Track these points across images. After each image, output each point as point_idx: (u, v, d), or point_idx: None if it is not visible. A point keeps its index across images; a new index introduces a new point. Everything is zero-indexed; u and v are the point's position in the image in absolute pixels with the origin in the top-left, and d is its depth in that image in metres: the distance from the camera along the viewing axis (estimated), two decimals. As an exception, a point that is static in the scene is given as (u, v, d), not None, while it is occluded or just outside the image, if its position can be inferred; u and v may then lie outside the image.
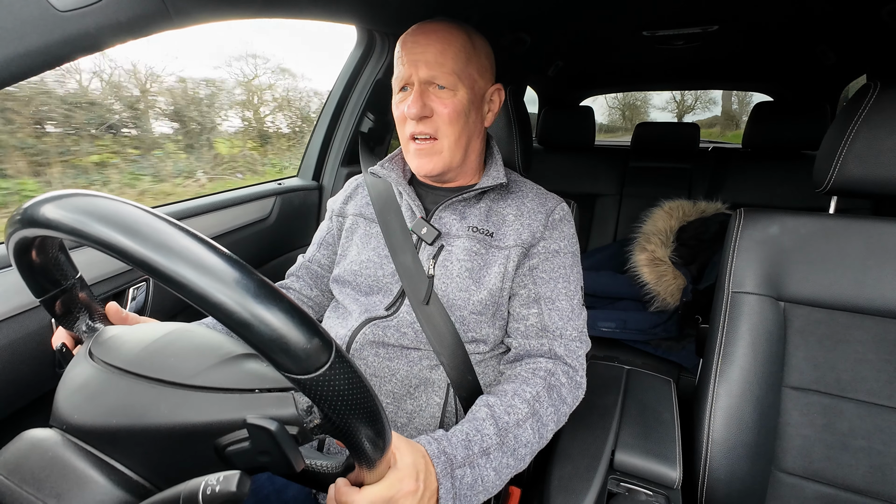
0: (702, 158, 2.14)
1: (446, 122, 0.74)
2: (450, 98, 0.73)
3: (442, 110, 0.73)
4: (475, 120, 0.78)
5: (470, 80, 0.75)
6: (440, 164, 0.77)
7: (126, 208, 0.31)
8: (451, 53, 0.72)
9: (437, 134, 0.75)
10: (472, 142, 0.80)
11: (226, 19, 0.83)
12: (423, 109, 0.73)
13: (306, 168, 1.54)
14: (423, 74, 0.73)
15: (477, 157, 0.84)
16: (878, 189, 0.80)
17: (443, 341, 0.74)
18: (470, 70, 0.74)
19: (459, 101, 0.73)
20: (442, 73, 0.72)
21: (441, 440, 0.58)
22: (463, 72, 0.73)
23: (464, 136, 0.76)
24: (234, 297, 0.29)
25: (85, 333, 0.50)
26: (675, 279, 1.66)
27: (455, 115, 0.74)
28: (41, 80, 1.50)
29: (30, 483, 0.35)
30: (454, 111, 0.73)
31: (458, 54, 0.72)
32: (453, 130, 0.75)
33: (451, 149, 0.76)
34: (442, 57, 0.72)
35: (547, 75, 2.36)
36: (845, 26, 1.45)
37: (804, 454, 0.82)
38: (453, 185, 0.85)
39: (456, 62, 0.72)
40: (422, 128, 0.75)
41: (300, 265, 0.95)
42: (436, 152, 0.76)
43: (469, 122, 0.76)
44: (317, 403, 0.33)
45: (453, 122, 0.74)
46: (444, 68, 0.72)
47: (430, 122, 0.74)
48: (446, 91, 0.73)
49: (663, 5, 1.36)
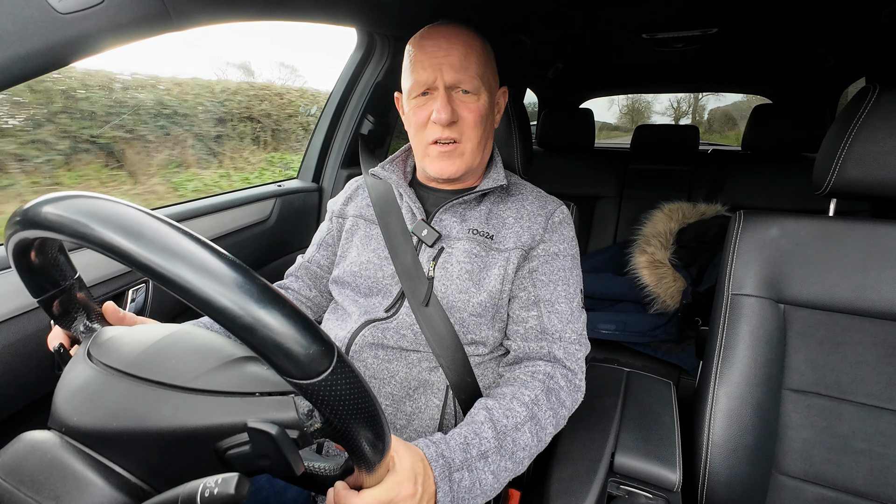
0: (701, 161, 2.15)
1: (471, 126, 0.74)
2: (474, 103, 0.73)
3: (467, 115, 0.73)
4: (491, 123, 0.79)
5: (489, 84, 0.75)
6: (462, 167, 0.77)
7: (127, 210, 0.31)
8: (474, 58, 0.72)
9: (460, 138, 0.75)
10: (487, 143, 0.81)
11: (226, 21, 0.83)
12: (452, 115, 0.72)
13: (306, 170, 1.54)
14: (449, 79, 0.72)
15: (485, 159, 0.85)
16: (878, 191, 0.80)
17: (442, 343, 0.74)
18: (488, 74, 0.75)
19: (482, 105, 0.74)
20: (467, 78, 0.72)
21: (439, 443, 0.58)
22: (483, 76, 0.74)
23: (483, 140, 0.77)
24: (237, 301, 0.29)
25: (83, 334, 0.50)
26: (674, 281, 1.66)
27: (479, 119, 0.74)
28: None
29: (28, 485, 0.35)
30: (479, 116, 0.73)
31: (479, 58, 0.73)
32: (476, 135, 0.75)
33: (472, 152, 0.76)
34: (466, 61, 0.71)
35: (547, 77, 2.36)
36: (845, 29, 1.45)
37: (804, 456, 0.82)
38: (454, 188, 0.85)
39: (478, 66, 0.72)
40: (448, 133, 0.74)
41: (299, 265, 0.95)
42: (458, 155, 0.76)
43: (488, 126, 0.77)
44: (318, 408, 0.33)
45: (477, 126, 0.74)
46: (468, 72, 0.72)
47: (455, 127, 0.74)
48: (470, 96, 0.73)
49: (663, 8, 1.36)
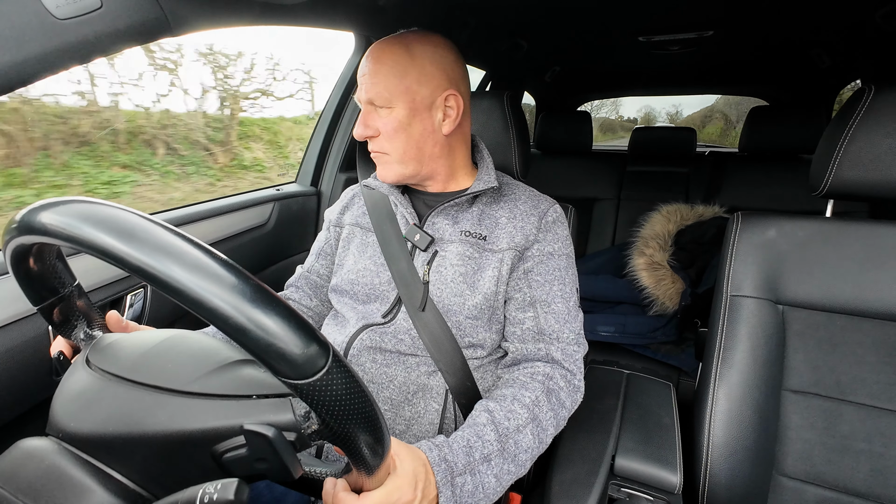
0: (699, 162, 2.15)
1: (388, 138, 0.76)
2: (388, 115, 0.75)
3: (383, 128, 0.75)
4: (423, 130, 0.76)
5: (408, 93, 0.74)
6: (392, 175, 0.79)
7: (123, 215, 0.31)
8: (384, 72, 0.73)
9: (383, 150, 0.77)
10: (427, 150, 0.78)
11: (223, 27, 0.83)
12: (365, 130, 0.76)
13: (304, 174, 1.55)
14: (363, 96, 0.76)
15: (447, 163, 0.82)
16: (875, 192, 0.80)
17: (440, 347, 0.73)
18: (407, 83, 0.74)
19: (396, 117, 0.74)
20: (376, 94, 0.74)
21: (442, 447, 0.58)
22: (397, 87, 0.73)
23: (410, 149, 0.77)
24: (230, 301, 0.29)
25: (83, 341, 0.49)
26: (673, 283, 1.66)
27: (394, 131, 0.75)
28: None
29: (26, 493, 0.35)
30: (393, 129, 0.75)
31: (390, 71, 0.73)
32: (397, 146, 0.76)
33: (400, 161, 0.78)
34: (375, 77, 0.73)
35: (544, 80, 2.37)
36: (840, 30, 1.46)
37: (805, 458, 0.82)
38: (444, 191, 0.85)
39: (388, 79, 0.73)
40: (372, 145, 0.78)
41: (299, 276, 0.95)
42: (387, 163, 0.79)
43: (414, 134, 0.76)
44: (314, 409, 0.33)
45: (394, 137, 0.76)
46: (377, 87, 0.73)
47: (377, 140, 0.77)
48: (384, 109, 0.75)
49: (659, 11, 1.37)
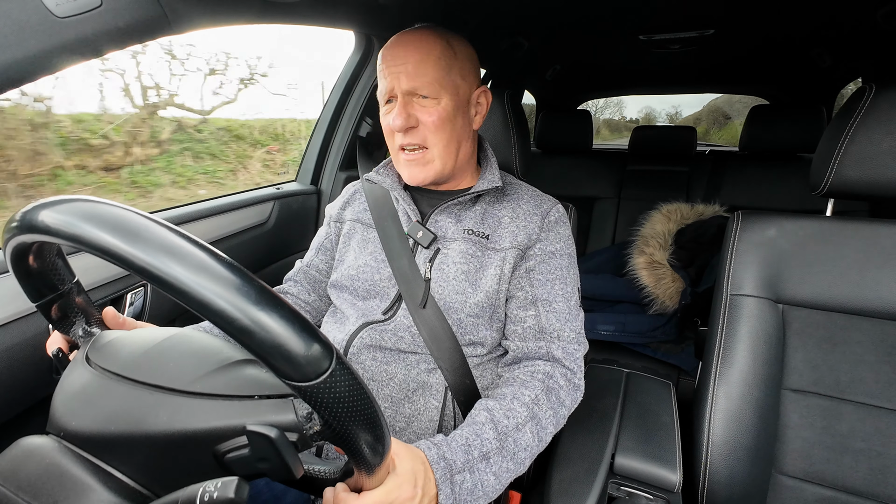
0: (699, 161, 2.15)
1: (433, 130, 0.74)
2: (434, 107, 0.73)
3: (427, 119, 0.73)
4: (462, 125, 0.78)
5: (453, 86, 0.74)
6: (432, 173, 0.77)
7: (125, 214, 0.31)
8: (432, 62, 0.72)
9: (425, 143, 0.75)
10: (462, 146, 0.79)
11: (223, 25, 0.83)
12: (408, 120, 0.73)
13: (305, 172, 1.54)
14: (405, 86, 0.73)
15: (467, 161, 0.83)
16: (875, 191, 0.80)
17: (440, 345, 0.74)
18: (452, 76, 0.74)
19: (444, 108, 0.73)
20: (423, 83, 0.72)
21: (440, 445, 0.58)
22: (445, 79, 0.73)
23: (453, 143, 0.76)
24: (235, 303, 0.29)
25: (81, 338, 0.49)
26: (673, 282, 1.66)
27: (441, 123, 0.74)
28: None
29: (26, 491, 0.35)
30: (440, 119, 0.73)
31: (438, 62, 0.72)
32: (441, 138, 0.75)
33: (441, 157, 0.76)
34: (422, 66, 0.72)
35: (545, 79, 2.37)
36: (841, 29, 1.46)
37: (804, 456, 0.82)
38: (448, 189, 0.85)
39: (437, 70, 0.72)
40: (409, 139, 0.75)
41: (298, 270, 0.95)
42: (427, 161, 0.76)
43: (456, 128, 0.76)
44: (317, 410, 0.33)
45: (440, 130, 0.74)
46: (425, 78, 0.72)
47: (416, 132, 0.74)
48: (430, 100, 0.73)
49: (659, 10, 1.36)
